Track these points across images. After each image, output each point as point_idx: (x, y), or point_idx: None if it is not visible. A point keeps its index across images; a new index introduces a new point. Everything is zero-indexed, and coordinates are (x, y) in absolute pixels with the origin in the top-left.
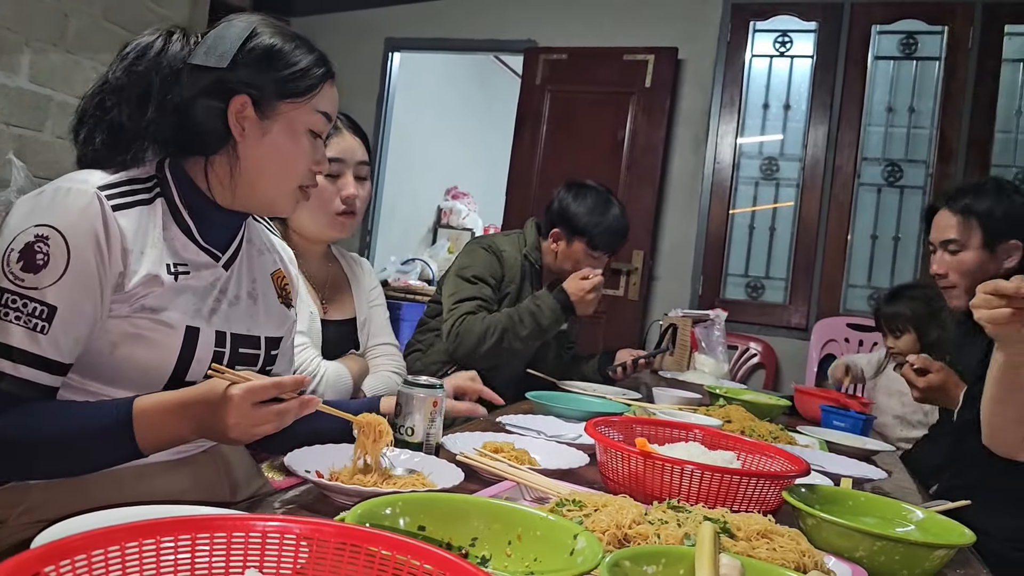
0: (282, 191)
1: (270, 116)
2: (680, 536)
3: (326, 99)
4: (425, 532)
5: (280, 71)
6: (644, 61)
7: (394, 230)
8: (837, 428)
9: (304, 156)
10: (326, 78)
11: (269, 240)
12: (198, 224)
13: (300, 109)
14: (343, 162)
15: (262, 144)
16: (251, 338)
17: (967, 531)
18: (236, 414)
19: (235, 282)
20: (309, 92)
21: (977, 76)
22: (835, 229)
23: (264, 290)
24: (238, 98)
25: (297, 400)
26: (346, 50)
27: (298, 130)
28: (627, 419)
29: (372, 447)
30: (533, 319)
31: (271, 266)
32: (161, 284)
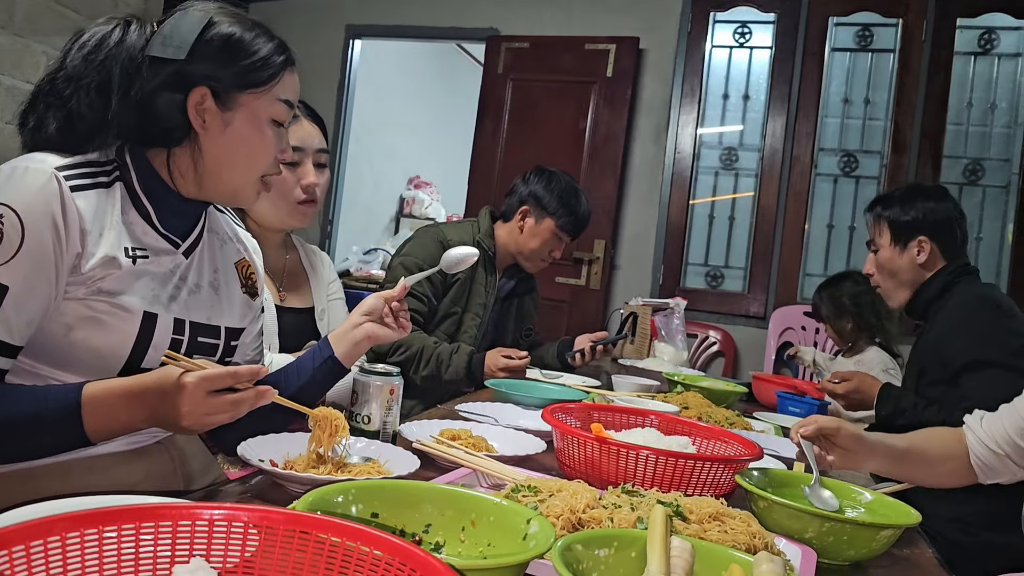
0: (246, 182)
1: (231, 107)
2: (633, 520)
3: (287, 87)
4: (378, 519)
5: (239, 61)
6: (606, 50)
7: (356, 220)
8: (792, 414)
9: (268, 146)
10: (286, 66)
11: (232, 230)
12: (157, 210)
13: (261, 99)
14: (302, 150)
15: (224, 136)
16: (211, 327)
17: (913, 512)
18: (189, 402)
19: (196, 270)
20: (270, 81)
21: (930, 69)
22: (793, 219)
23: (227, 279)
24: (197, 90)
25: (253, 390)
26: (306, 37)
27: (260, 120)
28: (585, 406)
29: (327, 441)
30: (437, 366)
31: (234, 256)
32: (119, 267)
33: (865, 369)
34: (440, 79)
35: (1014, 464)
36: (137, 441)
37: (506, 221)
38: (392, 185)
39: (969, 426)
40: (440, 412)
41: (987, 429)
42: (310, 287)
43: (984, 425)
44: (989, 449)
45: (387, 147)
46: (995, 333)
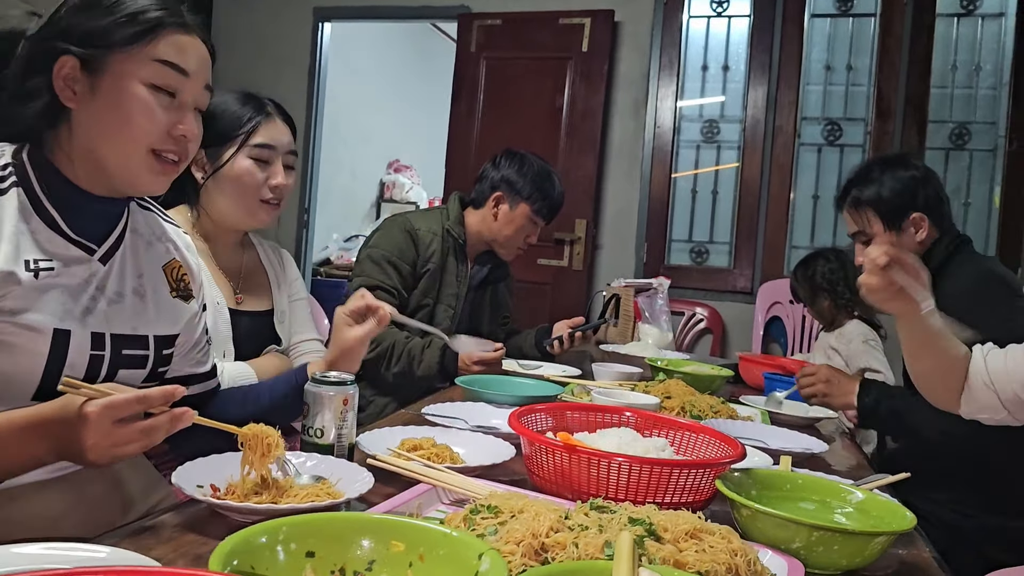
0: (127, 157)
1: (99, 73)
2: (601, 544)
3: (169, 48)
4: (315, 558)
5: (100, 19)
6: (580, 24)
7: (334, 207)
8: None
9: (143, 113)
10: (165, 24)
11: (160, 228)
12: (65, 215)
13: (131, 60)
14: (273, 149)
15: (92, 105)
16: (137, 338)
17: (908, 514)
18: (94, 434)
19: (116, 277)
20: (139, 40)
21: (912, 32)
22: (777, 190)
23: (154, 284)
24: (61, 59)
25: (167, 415)
26: (272, 22)
27: (130, 83)
28: (557, 406)
29: (260, 462)
30: (409, 362)
31: (163, 257)
32: (18, 283)
33: (845, 342)
34: (415, 59)
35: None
36: (65, 466)
37: (477, 208)
38: (371, 170)
39: (975, 356)
40: (404, 417)
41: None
42: (270, 288)
43: (988, 360)
44: (983, 384)
45: (364, 131)
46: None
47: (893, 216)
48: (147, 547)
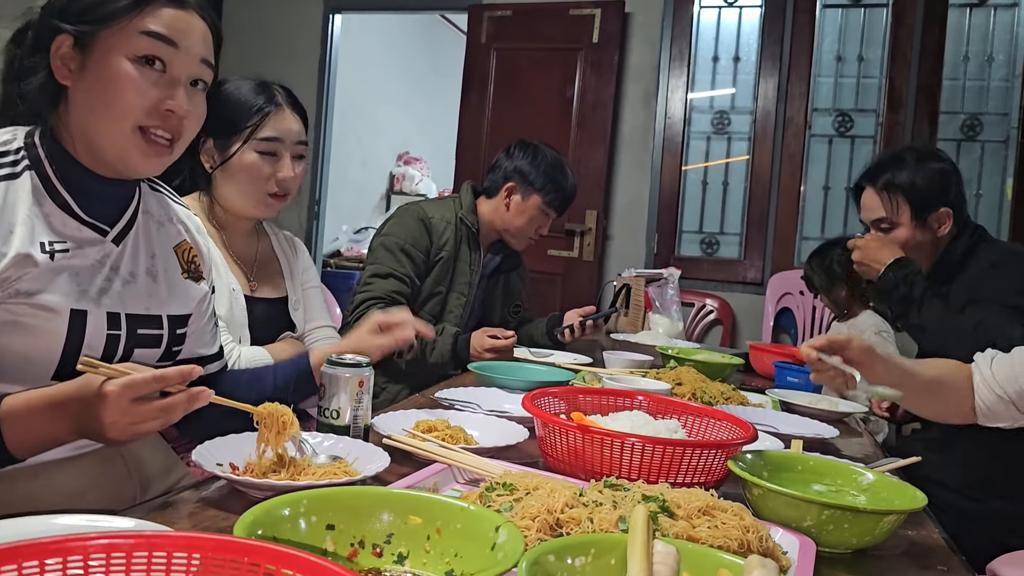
0: (113, 136)
1: (90, 50)
2: (615, 519)
3: (155, 20)
4: (335, 531)
5: None
6: (591, 16)
7: (345, 198)
8: (791, 384)
9: (128, 88)
10: None
11: (171, 210)
12: (77, 197)
13: (118, 34)
14: (281, 142)
15: (83, 82)
16: (151, 318)
17: (918, 494)
18: (113, 412)
19: (129, 258)
20: (126, 14)
21: (924, 22)
22: (788, 182)
23: (166, 265)
24: (59, 38)
25: (184, 394)
26: (283, 14)
27: (116, 58)
28: (570, 389)
29: (275, 439)
30: (421, 349)
31: (174, 238)
32: (35, 264)
33: (857, 332)
34: (425, 51)
35: (1017, 411)
36: (85, 445)
37: (490, 197)
38: (381, 162)
39: (978, 365)
40: (419, 401)
41: (996, 372)
42: (283, 276)
43: (994, 367)
44: (994, 392)
45: (374, 123)
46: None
47: (924, 206)
48: (170, 521)
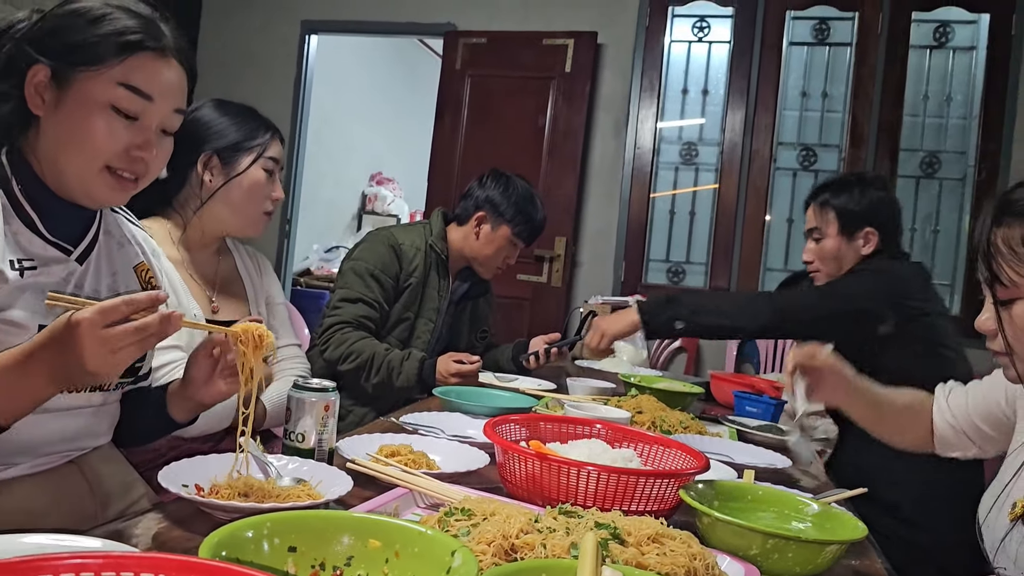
0: (84, 172)
1: (65, 86)
2: (567, 545)
3: (136, 71)
4: (296, 553)
5: (78, 34)
6: (564, 45)
7: (316, 217)
8: (750, 414)
9: (101, 133)
10: (138, 48)
11: (129, 231)
12: (43, 217)
13: (97, 79)
14: (279, 164)
15: (56, 116)
16: None
17: (860, 525)
18: (90, 341)
19: (92, 277)
20: (104, 61)
21: (886, 62)
22: (753, 213)
23: (127, 283)
24: (35, 67)
25: (156, 315)
26: (260, 33)
27: (93, 103)
28: (531, 417)
29: (254, 355)
30: (388, 374)
31: (133, 259)
32: (5, 280)
33: None
34: (401, 74)
35: (969, 441)
36: (46, 462)
37: (460, 224)
38: (353, 182)
39: (937, 396)
40: (383, 425)
41: (952, 403)
42: (246, 296)
43: (950, 399)
44: (948, 423)
45: (348, 143)
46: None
47: (850, 224)
48: (134, 542)
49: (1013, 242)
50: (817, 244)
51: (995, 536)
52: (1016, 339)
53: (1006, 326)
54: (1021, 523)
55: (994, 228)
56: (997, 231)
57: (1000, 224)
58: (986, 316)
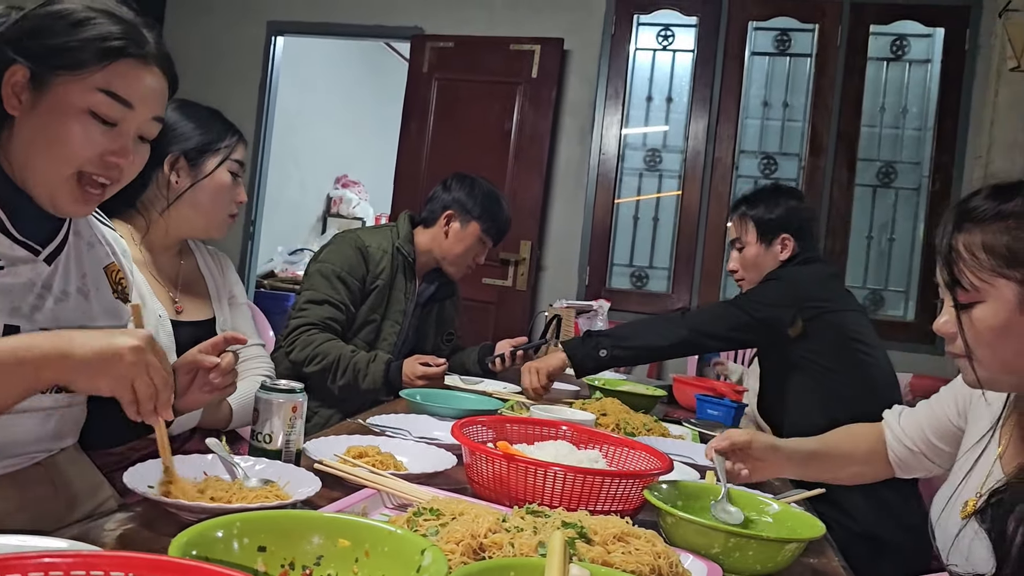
0: (53, 177)
1: (43, 89)
2: (534, 544)
3: (117, 78)
4: (266, 552)
5: (60, 37)
6: (530, 51)
7: (281, 219)
8: (711, 416)
9: (76, 139)
10: (121, 55)
11: (100, 232)
12: (11, 217)
13: (77, 84)
14: (243, 167)
15: (31, 119)
16: None
17: (818, 524)
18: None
19: (61, 277)
20: (84, 66)
21: (845, 73)
22: (715, 219)
23: (97, 284)
24: (13, 67)
25: None
26: (225, 34)
27: (71, 108)
28: (498, 418)
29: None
30: (354, 375)
31: (104, 259)
32: None
33: None
34: (368, 77)
35: (928, 461)
36: (11, 464)
37: (427, 227)
38: (319, 184)
39: (887, 422)
40: (350, 427)
41: (904, 427)
42: (209, 296)
43: (902, 422)
44: (905, 446)
45: (313, 145)
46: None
47: (766, 232)
48: (101, 542)
49: (974, 247)
50: (740, 253)
51: (948, 534)
52: (976, 342)
53: (966, 329)
54: (973, 520)
55: (955, 234)
56: (958, 236)
57: (961, 230)
58: (945, 319)
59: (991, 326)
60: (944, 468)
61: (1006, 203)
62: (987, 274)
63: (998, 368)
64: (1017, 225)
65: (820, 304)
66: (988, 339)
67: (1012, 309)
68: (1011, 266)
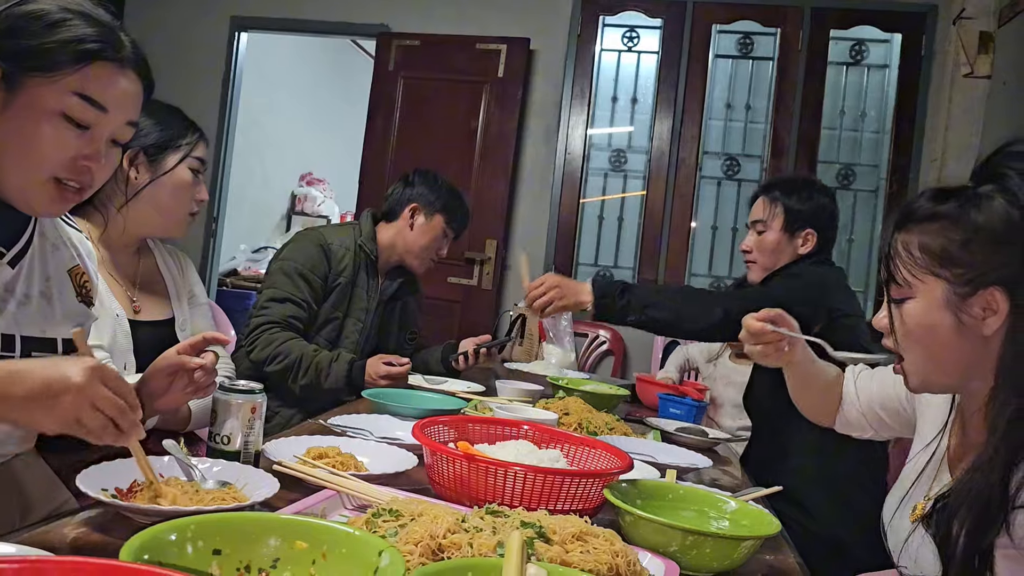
0: (28, 181)
1: (15, 90)
2: (493, 544)
3: (92, 81)
4: (221, 555)
5: (34, 38)
6: (497, 51)
7: (244, 217)
8: (673, 416)
9: (49, 142)
10: (96, 58)
11: (65, 233)
12: None
13: (51, 86)
14: (205, 164)
15: (3, 119)
16: (46, 341)
17: (774, 521)
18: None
19: (24, 280)
20: (59, 68)
21: (806, 76)
22: (679, 220)
23: (60, 288)
24: None
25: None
26: (187, 28)
27: (43, 110)
28: (460, 418)
29: None
30: (316, 374)
31: (68, 262)
32: None
33: None
34: (333, 74)
35: (869, 427)
36: None
37: (390, 221)
38: (283, 182)
39: (847, 378)
40: (311, 427)
41: (859, 388)
42: (168, 295)
43: (858, 383)
44: (853, 405)
45: (278, 143)
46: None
47: (794, 223)
48: (52, 547)
49: (911, 246)
50: (759, 236)
51: (899, 537)
52: (904, 336)
53: (897, 325)
54: (921, 525)
55: (896, 232)
56: (898, 235)
57: (902, 229)
58: (882, 315)
59: (920, 323)
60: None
61: (941, 205)
62: (920, 271)
63: (928, 367)
64: (950, 227)
65: (839, 307)
66: (917, 335)
67: (940, 307)
68: (943, 265)
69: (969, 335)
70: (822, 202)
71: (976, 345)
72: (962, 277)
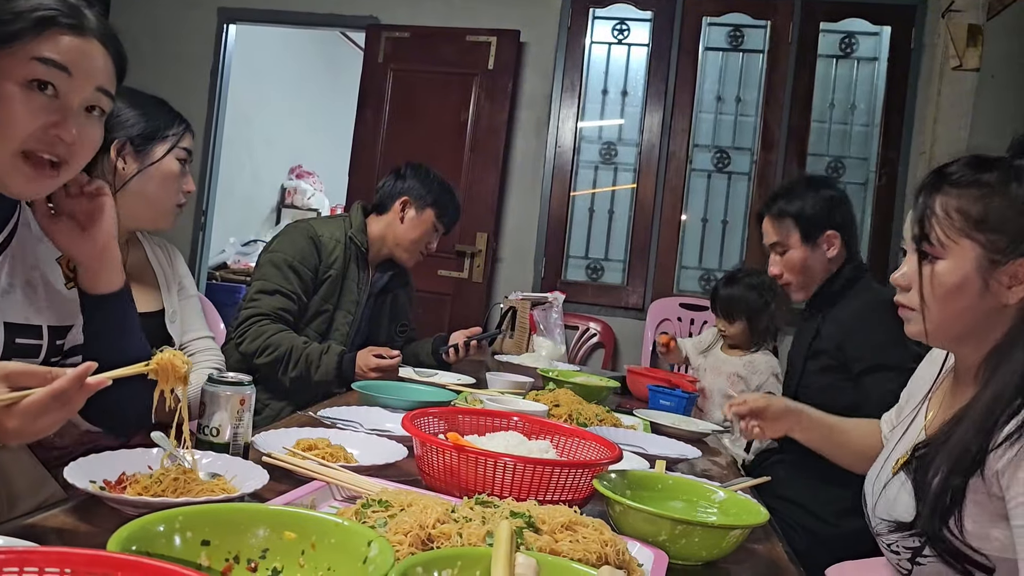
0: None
1: None
2: (483, 534)
3: (51, 46)
4: (210, 546)
5: None
6: (487, 43)
7: (233, 210)
8: (664, 407)
9: (15, 111)
10: (54, 24)
11: None
12: None
13: (10, 57)
14: (191, 155)
15: None
16: (31, 328)
17: (762, 511)
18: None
19: (8, 270)
20: (21, 37)
21: (796, 69)
22: (669, 213)
23: (48, 277)
24: None
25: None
26: (175, 20)
27: (7, 81)
28: (450, 410)
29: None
30: (307, 367)
31: (55, 251)
32: None
33: (753, 371)
34: (322, 66)
35: None
36: None
37: (381, 214)
38: (273, 174)
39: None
40: (301, 419)
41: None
42: (158, 287)
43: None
44: None
45: (267, 136)
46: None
47: (811, 230)
48: (40, 539)
49: (949, 208)
50: (782, 257)
51: (876, 489)
52: (931, 295)
53: (924, 282)
54: (903, 472)
55: (933, 193)
56: (936, 196)
57: (939, 191)
58: (903, 271)
59: (947, 282)
60: None
61: (984, 174)
62: (955, 233)
63: (944, 325)
64: (992, 193)
65: None
66: (941, 294)
67: (970, 270)
68: (980, 231)
69: (991, 300)
70: (827, 195)
71: (992, 311)
72: (996, 244)
